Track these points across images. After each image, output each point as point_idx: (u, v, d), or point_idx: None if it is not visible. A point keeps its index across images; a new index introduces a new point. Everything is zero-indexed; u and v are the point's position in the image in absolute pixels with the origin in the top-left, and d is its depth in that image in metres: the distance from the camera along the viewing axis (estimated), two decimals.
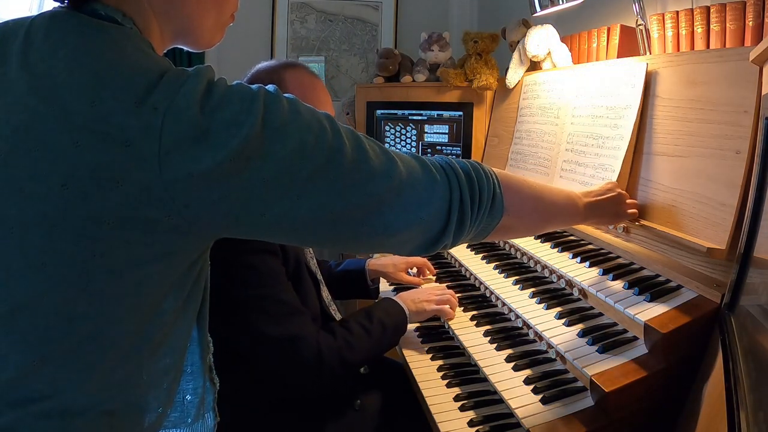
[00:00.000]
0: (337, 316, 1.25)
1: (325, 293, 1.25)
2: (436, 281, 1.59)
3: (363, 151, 0.64)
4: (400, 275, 1.55)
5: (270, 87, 0.62)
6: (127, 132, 0.53)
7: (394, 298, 1.31)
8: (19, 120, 0.55)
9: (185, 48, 0.73)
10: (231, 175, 0.56)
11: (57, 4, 0.62)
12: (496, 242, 1.61)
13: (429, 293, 1.36)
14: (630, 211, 1.13)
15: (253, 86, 0.61)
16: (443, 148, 2.03)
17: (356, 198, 0.63)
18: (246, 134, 0.56)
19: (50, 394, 0.56)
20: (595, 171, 1.36)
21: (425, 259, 1.61)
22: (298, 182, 0.59)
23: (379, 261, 1.57)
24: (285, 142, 0.59)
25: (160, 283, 0.60)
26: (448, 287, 1.50)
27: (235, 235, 0.62)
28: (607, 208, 1.08)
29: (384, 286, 1.61)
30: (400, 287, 1.58)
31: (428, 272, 1.61)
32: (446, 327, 1.36)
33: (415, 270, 1.61)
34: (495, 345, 1.20)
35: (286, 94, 0.62)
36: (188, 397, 0.69)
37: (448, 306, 1.34)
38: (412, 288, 1.52)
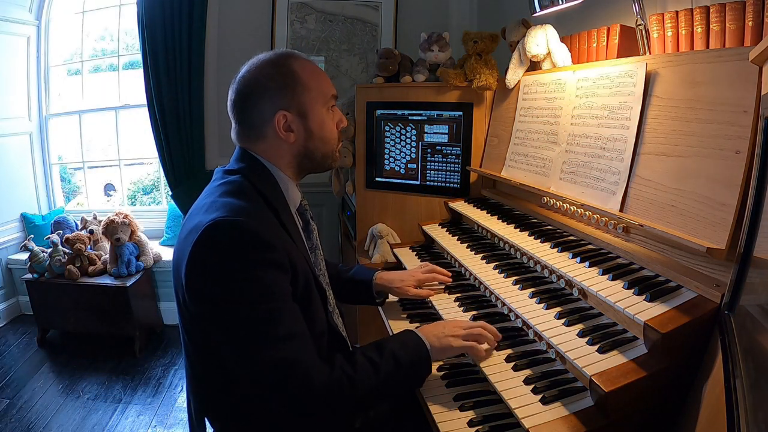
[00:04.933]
0: (339, 322, 1.21)
1: (331, 298, 1.21)
2: (444, 290, 1.50)
3: None
4: (407, 289, 1.46)
5: None
6: None
7: (415, 331, 1.15)
8: None
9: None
10: None
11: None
12: (496, 242, 1.61)
13: (455, 326, 1.19)
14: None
15: None
16: (443, 148, 2.03)
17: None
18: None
19: None
20: (599, 173, 1.35)
21: (435, 272, 1.52)
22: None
23: (388, 276, 1.48)
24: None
25: None
26: (447, 288, 1.50)
27: None
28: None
29: (391, 300, 1.54)
30: (408, 305, 1.53)
31: (442, 277, 1.50)
32: None
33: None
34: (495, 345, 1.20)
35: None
36: None
37: (477, 344, 1.16)
38: (426, 312, 1.46)
